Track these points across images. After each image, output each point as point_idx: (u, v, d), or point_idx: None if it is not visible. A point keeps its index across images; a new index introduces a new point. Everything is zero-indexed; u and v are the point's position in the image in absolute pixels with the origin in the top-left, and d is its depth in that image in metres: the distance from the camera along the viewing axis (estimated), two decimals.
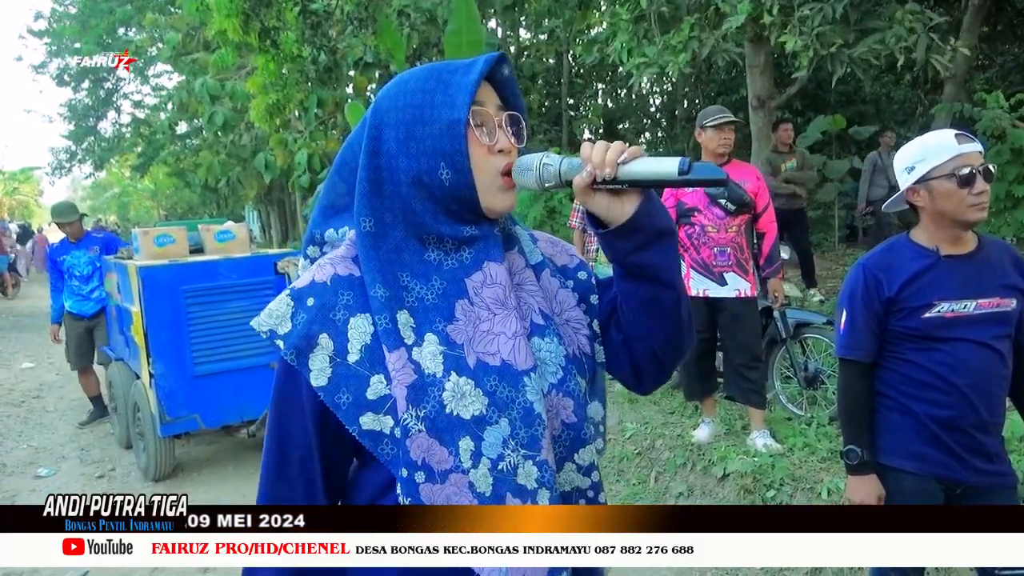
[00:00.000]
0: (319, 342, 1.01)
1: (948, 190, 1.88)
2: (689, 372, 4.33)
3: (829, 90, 10.34)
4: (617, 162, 0.96)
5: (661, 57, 6.03)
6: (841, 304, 2.11)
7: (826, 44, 5.15)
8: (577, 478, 1.08)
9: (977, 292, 1.94)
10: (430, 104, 1.00)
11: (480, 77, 1.00)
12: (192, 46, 15.87)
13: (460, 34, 7.21)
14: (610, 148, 0.97)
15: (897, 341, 2.03)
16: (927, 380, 1.97)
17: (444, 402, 0.98)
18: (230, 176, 18.01)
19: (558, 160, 1.00)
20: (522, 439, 1.00)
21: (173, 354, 4.49)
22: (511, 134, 1.04)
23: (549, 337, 1.07)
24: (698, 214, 4.09)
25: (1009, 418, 3.62)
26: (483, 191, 1.02)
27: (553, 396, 1.05)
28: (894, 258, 2.02)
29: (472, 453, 0.98)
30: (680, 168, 0.93)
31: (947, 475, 1.98)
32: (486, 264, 1.04)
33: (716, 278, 4.09)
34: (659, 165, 0.95)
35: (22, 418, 6.45)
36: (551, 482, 1.01)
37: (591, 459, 1.09)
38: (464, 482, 0.99)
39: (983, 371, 1.95)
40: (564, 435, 1.07)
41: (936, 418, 1.97)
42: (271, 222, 22.66)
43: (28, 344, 10.26)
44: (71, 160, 26.99)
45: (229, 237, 5.05)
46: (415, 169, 1.01)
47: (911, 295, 1.96)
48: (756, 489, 3.69)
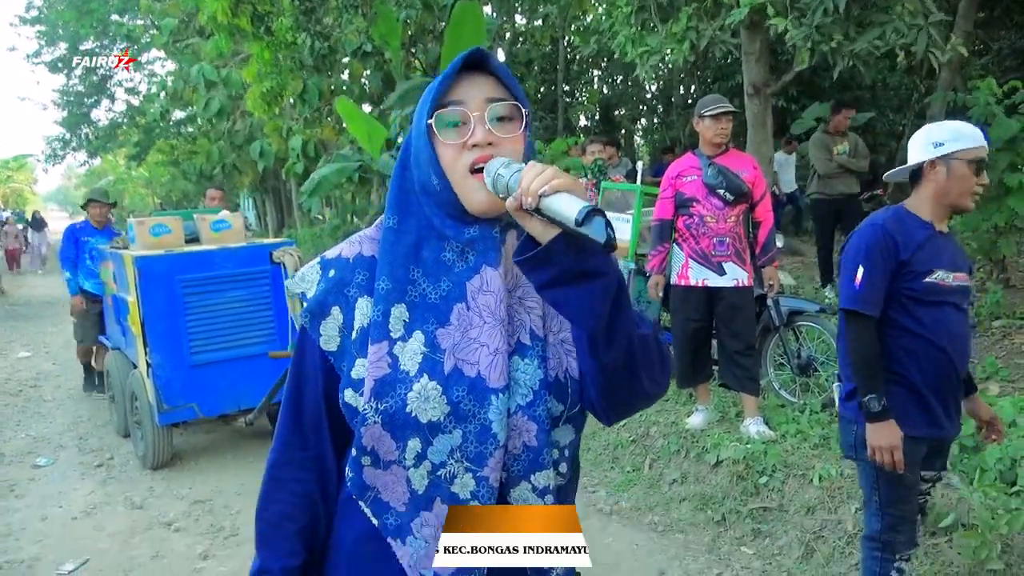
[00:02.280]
0: (331, 312, 1.10)
1: (964, 172, 2.15)
2: (684, 360, 4.36)
3: (825, 77, 10.32)
4: (538, 193, 0.90)
5: (664, 46, 6.02)
6: (856, 260, 2.21)
7: (827, 38, 5.14)
8: (532, 498, 1.08)
9: (956, 266, 2.22)
10: (420, 117, 1.07)
11: (446, 80, 1.04)
12: (187, 33, 15.77)
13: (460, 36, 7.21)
14: (538, 176, 0.91)
15: (894, 303, 2.21)
16: (917, 345, 2.19)
17: (407, 401, 1.03)
18: (224, 163, 17.96)
19: (510, 173, 0.96)
20: (469, 453, 1.05)
21: (170, 343, 4.51)
22: (499, 124, 1.04)
23: (530, 359, 1.06)
24: (697, 204, 4.11)
25: (997, 404, 3.67)
26: (458, 190, 1.05)
27: (518, 417, 1.06)
28: (905, 225, 2.21)
29: (417, 454, 1.05)
30: (577, 218, 0.87)
31: (934, 434, 2.24)
32: (484, 269, 1.06)
33: (715, 268, 4.11)
34: (568, 206, 0.89)
35: (20, 407, 6.47)
36: (485, 498, 1.05)
37: (547, 483, 1.08)
38: (403, 475, 1.06)
39: (961, 333, 2.22)
40: (524, 455, 1.07)
41: (925, 379, 2.20)
42: (267, 210, 22.61)
43: (24, 333, 10.26)
44: (65, 148, 26.84)
45: (225, 227, 5.05)
46: (420, 178, 1.08)
47: (919, 260, 2.17)
48: (749, 475, 3.74)
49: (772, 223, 4.26)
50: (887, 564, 2.28)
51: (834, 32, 5.12)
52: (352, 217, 15.33)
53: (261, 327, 4.74)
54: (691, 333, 4.25)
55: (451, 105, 1.04)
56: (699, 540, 3.50)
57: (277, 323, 4.79)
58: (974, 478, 3.14)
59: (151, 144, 22.35)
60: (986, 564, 2.62)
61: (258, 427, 5.23)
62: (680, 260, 4.22)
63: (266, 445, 4.97)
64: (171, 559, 3.63)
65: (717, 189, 4.05)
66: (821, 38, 5.13)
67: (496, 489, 1.06)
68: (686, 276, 4.19)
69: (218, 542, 3.78)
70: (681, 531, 3.60)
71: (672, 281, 4.31)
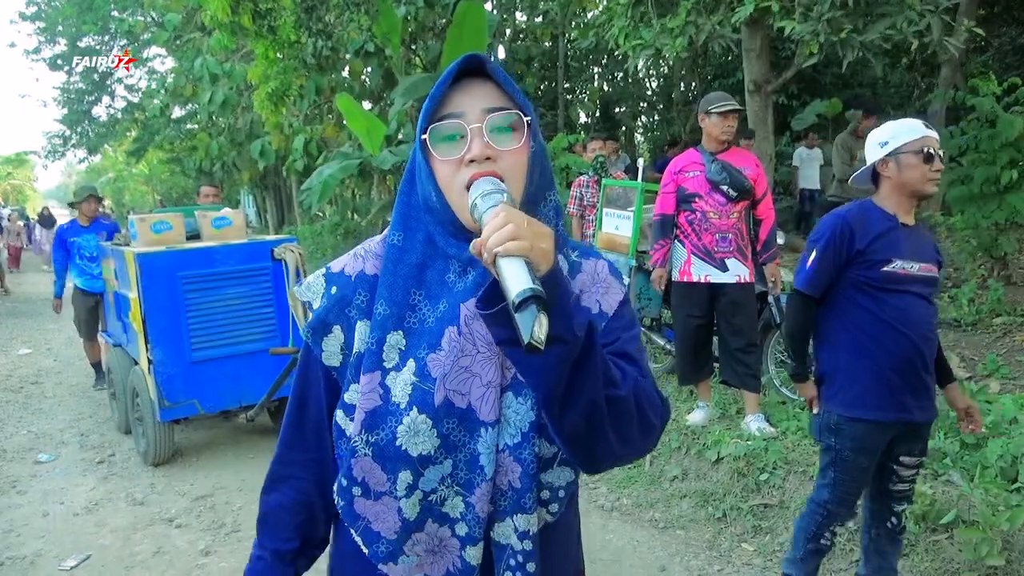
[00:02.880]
0: (333, 330, 1.09)
1: (913, 163, 2.28)
2: (686, 358, 4.36)
3: (825, 74, 10.32)
4: (494, 251, 0.83)
5: (658, 40, 6.00)
6: (811, 245, 2.42)
7: (836, 30, 5.12)
8: (513, 537, 1.06)
9: (920, 257, 2.34)
10: (418, 128, 1.03)
11: (440, 89, 0.99)
12: (189, 29, 15.75)
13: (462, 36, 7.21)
14: (497, 232, 0.83)
15: (855, 291, 2.36)
16: (880, 330, 2.32)
17: (397, 435, 1.01)
18: (224, 160, 17.94)
19: (485, 205, 0.90)
20: (460, 479, 1.04)
21: (171, 340, 4.51)
22: (497, 136, 0.99)
23: (524, 398, 1.02)
24: (699, 200, 4.11)
25: (998, 401, 3.67)
26: (455, 208, 1.00)
27: (504, 457, 1.02)
28: (865, 215, 2.37)
29: (408, 486, 1.03)
30: (514, 300, 0.80)
31: (901, 418, 2.36)
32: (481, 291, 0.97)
33: (717, 264, 4.11)
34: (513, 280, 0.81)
35: (21, 404, 6.48)
36: (473, 520, 1.04)
37: (527, 528, 1.04)
38: (394, 506, 1.05)
39: (924, 320, 2.34)
40: (509, 494, 1.04)
41: (891, 362, 2.32)
42: (267, 207, 22.59)
43: (25, 330, 10.26)
44: (65, 145, 26.82)
45: (225, 223, 5.05)
46: (422, 194, 1.05)
47: (876, 250, 2.31)
48: (750, 472, 3.74)
49: (773, 220, 4.27)
50: (824, 527, 2.53)
51: (844, 24, 5.11)
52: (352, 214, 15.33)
53: (262, 323, 4.74)
54: (693, 330, 4.25)
55: (447, 118, 0.99)
56: (700, 536, 3.51)
57: (278, 320, 4.79)
58: (975, 475, 3.14)
59: (150, 140, 22.30)
60: (986, 560, 2.62)
61: (259, 423, 5.24)
62: (682, 256, 4.22)
63: (267, 441, 5.01)
64: (173, 555, 3.63)
65: (720, 185, 4.05)
66: (830, 30, 5.11)
67: (483, 520, 1.04)
68: (688, 272, 4.19)
69: (220, 538, 3.78)
70: (682, 527, 3.61)
71: (674, 277, 4.31)
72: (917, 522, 2.99)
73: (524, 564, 1.06)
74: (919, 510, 2.98)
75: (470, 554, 1.05)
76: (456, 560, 1.07)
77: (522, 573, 1.06)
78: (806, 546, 2.58)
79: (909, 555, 2.95)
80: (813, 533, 2.55)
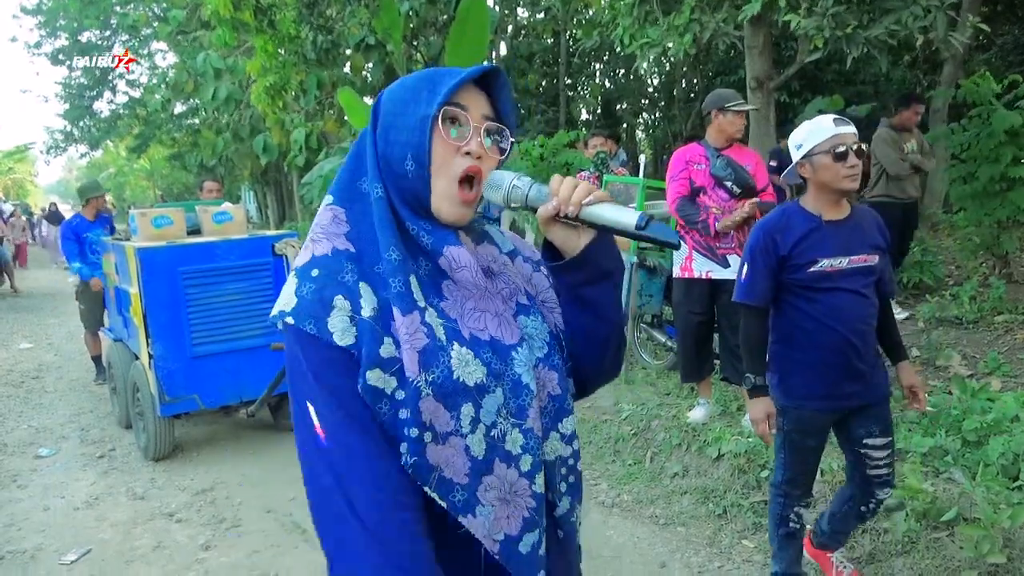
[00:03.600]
0: (335, 304, 0.99)
1: (826, 163, 2.33)
2: (688, 355, 4.36)
3: (827, 71, 10.30)
4: (582, 203, 1.02)
5: (665, 38, 5.99)
6: (744, 258, 2.52)
7: (841, 25, 5.11)
8: (560, 447, 1.14)
9: (850, 250, 2.39)
10: (414, 100, 1.05)
11: (461, 80, 1.03)
12: (192, 25, 15.74)
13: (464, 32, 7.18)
14: (578, 188, 1.04)
15: (788, 292, 2.46)
16: (812, 326, 2.43)
17: (452, 368, 1.01)
18: (224, 155, 17.93)
19: (527, 184, 1.05)
20: (512, 409, 1.07)
21: (172, 335, 4.51)
22: (490, 143, 1.07)
23: (534, 315, 1.14)
24: (703, 195, 4.10)
25: (1000, 398, 3.67)
26: (437, 193, 1.04)
27: (540, 369, 1.11)
28: (787, 221, 2.45)
29: (472, 419, 1.03)
30: (638, 223, 0.99)
31: (836, 406, 2.49)
32: (446, 248, 1.05)
33: (719, 260, 4.10)
34: (620, 214, 1.01)
35: (22, 398, 6.48)
36: (535, 449, 1.09)
37: (572, 428, 1.16)
38: (461, 445, 1.02)
39: (855, 315, 2.42)
40: (550, 406, 1.13)
41: (823, 357, 2.43)
42: (268, 202, 22.58)
43: (26, 325, 10.27)
44: (67, 140, 26.80)
45: (226, 218, 5.05)
46: (389, 155, 1.06)
47: (800, 253, 2.40)
48: (750, 469, 3.74)
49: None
50: (786, 507, 2.64)
51: (849, 19, 5.09)
52: None
53: (263, 319, 4.74)
54: (694, 327, 4.25)
55: (457, 107, 1.04)
56: (700, 533, 3.51)
57: None
58: (976, 473, 3.14)
59: (152, 136, 22.28)
60: (988, 558, 2.62)
61: (259, 419, 5.24)
62: (683, 252, 4.21)
63: (268, 436, 5.00)
64: (173, 550, 3.63)
65: (724, 181, 4.04)
66: (835, 26, 5.09)
67: (540, 439, 1.10)
68: (690, 268, 4.19)
69: (220, 533, 3.78)
70: (682, 524, 3.61)
71: (675, 274, 4.30)
72: (918, 520, 2.99)
73: (574, 467, 1.16)
74: (920, 508, 2.98)
75: (538, 483, 1.09)
76: (528, 500, 1.08)
77: (574, 476, 1.17)
78: (777, 532, 2.70)
79: (910, 553, 2.95)
80: (779, 516, 2.67)
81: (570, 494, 1.17)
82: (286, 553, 3.53)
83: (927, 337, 5.15)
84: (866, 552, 3.09)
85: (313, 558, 3.43)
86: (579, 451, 1.19)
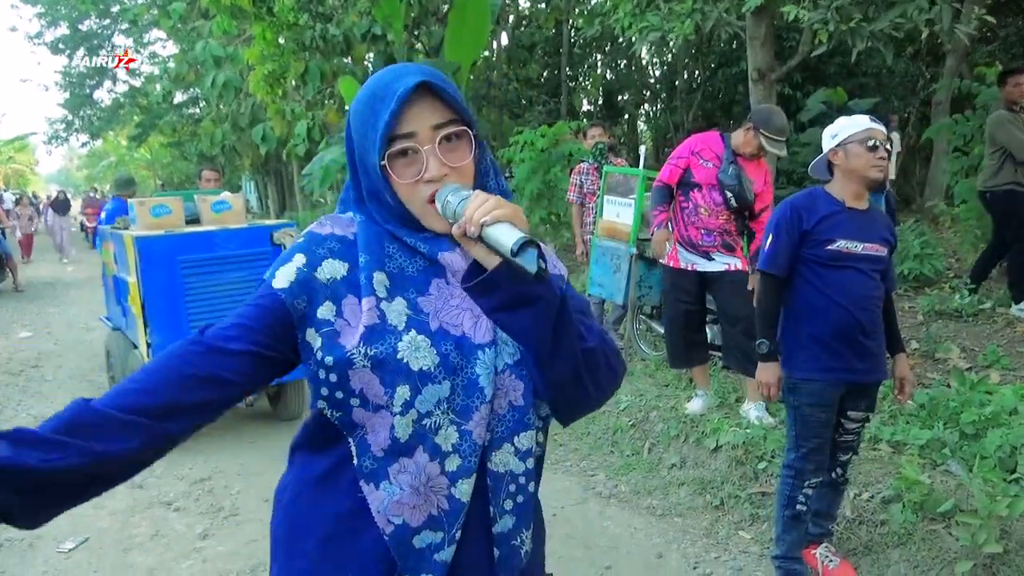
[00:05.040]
0: (293, 259, 1.09)
1: (859, 152, 2.56)
2: (674, 341, 4.35)
3: (830, 63, 10.24)
4: (479, 222, 0.96)
5: (665, 24, 5.95)
6: (768, 231, 2.72)
7: (845, 19, 5.07)
8: (512, 461, 1.11)
9: (865, 237, 2.61)
10: (362, 140, 1.09)
11: (391, 116, 1.03)
12: (192, 16, 15.68)
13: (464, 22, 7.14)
14: (482, 206, 0.97)
15: (803, 266, 2.65)
16: (822, 302, 2.61)
17: (398, 349, 1.05)
18: (225, 145, 17.89)
19: (457, 200, 1.02)
20: (456, 405, 1.07)
21: (170, 324, 4.50)
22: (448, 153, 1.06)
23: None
24: (697, 192, 4.06)
25: (999, 391, 3.66)
26: (419, 216, 1.09)
27: (506, 376, 1.09)
28: (813, 201, 2.66)
29: (405, 402, 1.05)
30: (512, 248, 0.93)
31: (844, 379, 2.64)
32: (440, 255, 1.09)
33: (701, 255, 4.10)
34: (505, 236, 0.95)
35: (21, 387, 6.48)
36: (468, 452, 1.07)
37: (529, 445, 1.12)
38: (388, 421, 1.06)
39: (863, 293, 2.61)
40: (508, 416, 1.10)
41: (832, 331, 2.60)
42: (268, 192, 22.56)
43: (25, 313, 10.27)
44: (68, 130, 26.76)
45: (225, 208, 5.03)
46: (369, 187, 1.12)
47: (821, 230, 2.60)
48: (748, 460, 3.74)
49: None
50: (796, 488, 2.73)
51: (853, 13, 5.05)
52: None
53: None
54: (681, 314, 4.24)
55: (400, 140, 1.05)
56: (697, 524, 3.51)
57: None
58: (973, 465, 3.14)
59: (153, 125, 22.23)
60: (984, 548, 2.62)
61: (258, 408, 5.24)
62: (670, 242, 4.20)
63: (266, 426, 5.01)
64: (171, 538, 3.64)
65: (726, 190, 3.99)
66: (840, 19, 5.05)
67: (479, 446, 1.08)
68: (675, 259, 4.18)
69: (217, 522, 3.79)
70: (679, 515, 3.61)
71: (663, 261, 4.29)
72: (915, 511, 2.99)
73: (525, 486, 1.13)
74: (917, 499, 2.98)
75: (461, 489, 1.08)
76: (442, 501, 1.08)
77: (523, 496, 1.13)
78: (784, 514, 2.78)
79: (906, 544, 2.95)
80: (788, 498, 2.76)
81: (515, 514, 1.13)
82: None
83: (926, 330, 5.14)
84: (862, 543, 3.09)
85: None
86: (533, 471, 1.14)
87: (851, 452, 2.84)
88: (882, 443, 3.57)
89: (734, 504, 3.56)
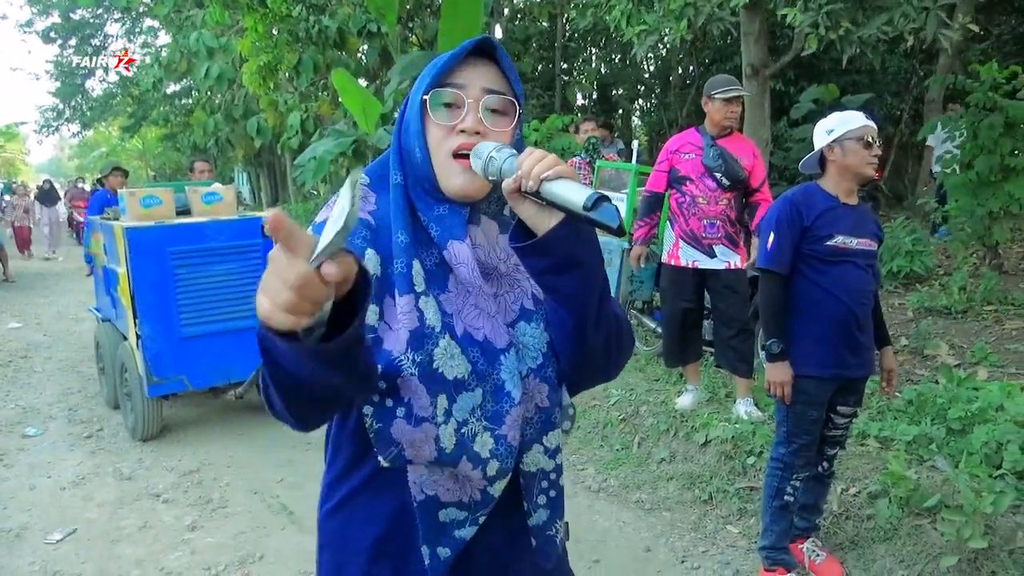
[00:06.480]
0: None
1: (855, 148, 2.59)
2: (672, 340, 4.36)
3: (824, 60, 10.24)
4: (541, 177, 0.94)
5: (661, 23, 5.95)
6: (768, 228, 2.71)
7: (835, 24, 5.09)
8: (543, 459, 1.14)
9: (860, 233, 2.64)
10: (417, 88, 1.09)
11: (450, 60, 1.05)
12: (187, 7, 15.57)
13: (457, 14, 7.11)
14: (540, 161, 0.95)
15: (802, 262, 2.66)
16: (820, 296, 2.64)
17: (434, 358, 1.03)
18: (219, 136, 17.80)
19: (503, 156, 1.00)
20: (487, 412, 1.07)
21: (160, 315, 4.48)
22: (492, 118, 1.07)
23: (536, 323, 1.12)
24: (690, 183, 4.07)
25: (986, 388, 3.68)
26: (439, 170, 1.07)
27: (531, 380, 1.11)
28: (810, 197, 2.67)
29: (445, 411, 1.04)
30: (585, 203, 0.91)
31: (839, 373, 2.67)
32: (449, 243, 1.07)
33: (705, 249, 4.09)
34: (573, 192, 0.93)
35: (9, 378, 6.45)
36: (504, 456, 1.08)
37: (557, 442, 1.16)
38: (433, 433, 1.03)
39: (859, 287, 2.64)
40: (536, 418, 1.13)
41: (830, 325, 2.63)
42: (261, 184, 22.47)
43: (15, 304, 10.21)
44: (59, 119, 26.55)
45: (216, 199, 5.01)
46: (406, 146, 1.10)
47: (820, 226, 2.62)
48: (736, 455, 3.75)
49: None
50: (784, 481, 2.77)
51: (842, 18, 5.07)
52: None
53: (252, 300, 4.70)
54: (680, 313, 4.24)
55: (450, 87, 1.06)
56: (685, 518, 3.52)
57: None
58: (960, 461, 3.15)
59: (145, 115, 22.08)
60: (969, 543, 2.63)
61: (248, 400, 5.22)
62: (671, 240, 4.21)
63: (255, 418, 4.99)
64: (159, 529, 3.63)
65: (714, 172, 4.01)
66: (829, 24, 5.07)
67: (515, 448, 1.09)
68: (676, 256, 4.18)
69: (206, 513, 3.78)
70: (668, 509, 3.62)
71: (663, 260, 4.29)
72: (900, 506, 3.00)
73: (556, 481, 1.16)
74: (903, 494, 2.99)
75: (496, 488, 1.09)
76: (476, 493, 1.09)
77: (555, 490, 1.17)
78: (772, 505, 2.82)
79: (892, 539, 2.97)
80: (776, 489, 2.79)
81: (549, 508, 1.17)
82: (272, 534, 3.53)
83: (916, 326, 5.17)
84: (848, 538, 3.11)
85: (299, 539, 3.44)
86: (562, 466, 1.19)
87: (839, 447, 2.88)
88: (870, 438, 3.59)
89: (722, 498, 3.58)
